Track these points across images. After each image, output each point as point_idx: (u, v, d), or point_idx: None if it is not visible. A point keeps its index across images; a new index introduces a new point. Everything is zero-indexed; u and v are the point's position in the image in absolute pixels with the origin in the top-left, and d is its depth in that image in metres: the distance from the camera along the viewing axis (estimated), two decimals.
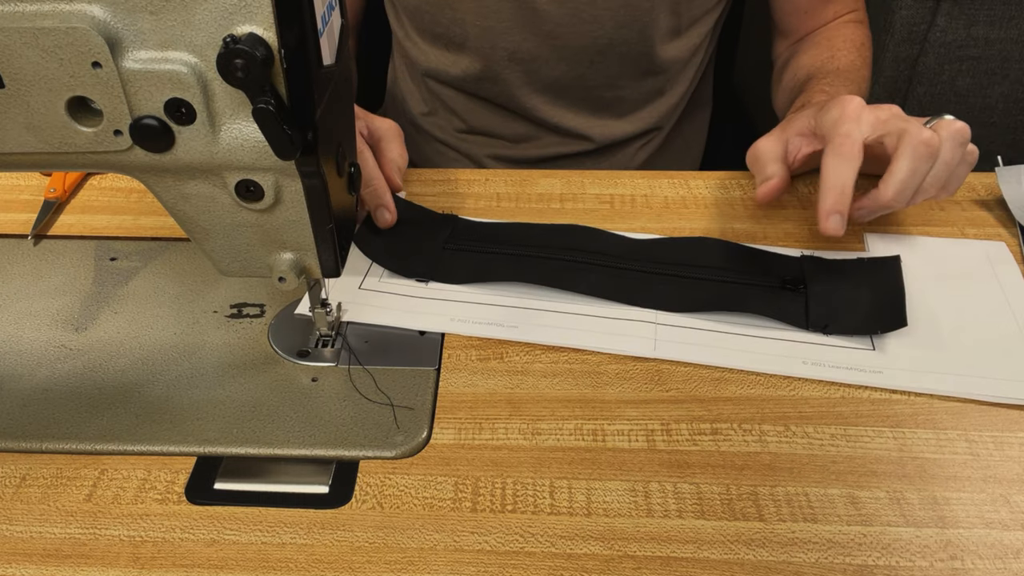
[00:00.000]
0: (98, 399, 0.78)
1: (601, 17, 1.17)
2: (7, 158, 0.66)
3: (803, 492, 0.70)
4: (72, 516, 0.69)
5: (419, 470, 0.73)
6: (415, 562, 0.66)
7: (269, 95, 0.59)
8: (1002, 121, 1.93)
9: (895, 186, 0.84)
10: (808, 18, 1.27)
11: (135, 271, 0.93)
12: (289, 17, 0.57)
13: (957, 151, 0.86)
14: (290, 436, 0.75)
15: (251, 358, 0.83)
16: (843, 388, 0.79)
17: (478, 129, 1.36)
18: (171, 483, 0.72)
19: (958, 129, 0.85)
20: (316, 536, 0.68)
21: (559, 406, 0.78)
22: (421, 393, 0.79)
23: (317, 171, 0.66)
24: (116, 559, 0.66)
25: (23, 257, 0.95)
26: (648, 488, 0.71)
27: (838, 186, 0.83)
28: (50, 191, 1.03)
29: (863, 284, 0.88)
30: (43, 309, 0.88)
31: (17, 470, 0.73)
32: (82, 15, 0.57)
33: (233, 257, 0.74)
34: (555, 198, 1.04)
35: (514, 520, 0.69)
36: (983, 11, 1.78)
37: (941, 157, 0.85)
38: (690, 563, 0.65)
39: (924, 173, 0.85)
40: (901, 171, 0.84)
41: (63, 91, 0.60)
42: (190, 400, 0.79)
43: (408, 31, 1.31)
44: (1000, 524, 0.68)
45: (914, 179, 0.85)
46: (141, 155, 0.64)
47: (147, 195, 1.04)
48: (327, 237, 0.71)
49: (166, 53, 0.59)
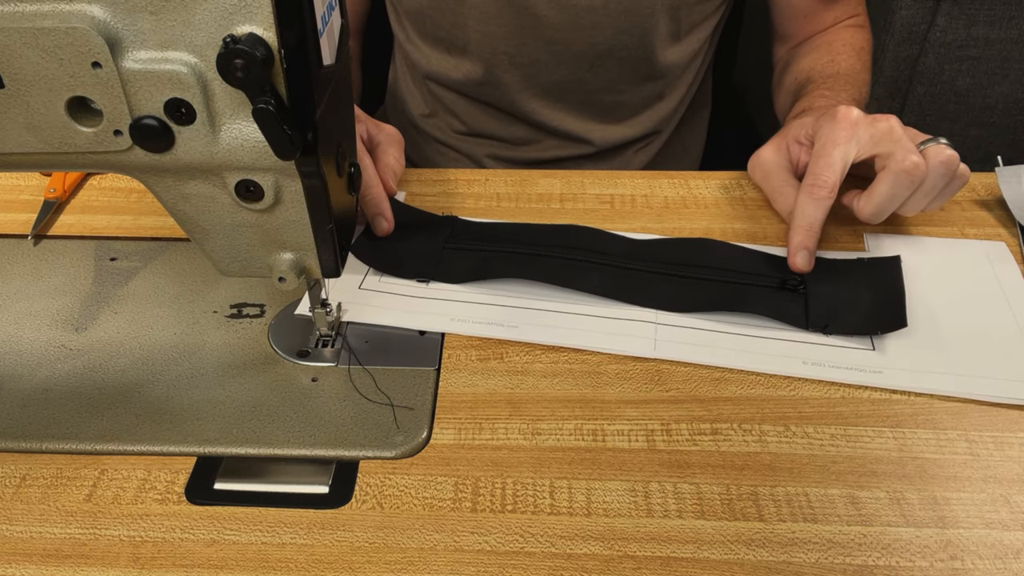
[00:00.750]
0: (98, 399, 0.78)
1: (601, 23, 1.17)
2: (7, 158, 0.65)
3: (803, 492, 0.70)
4: (72, 516, 0.69)
5: (419, 470, 0.72)
6: (415, 562, 0.66)
7: (269, 95, 0.59)
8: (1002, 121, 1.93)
9: (871, 207, 0.89)
10: (808, 23, 1.27)
11: (135, 271, 0.93)
12: (289, 17, 0.57)
13: (940, 181, 0.88)
14: (290, 436, 0.75)
15: (251, 358, 0.83)
16: (843, 388, 0.79)
17: (478, 131, 1.36)
18: (171, 483, 0.72)
19: (944, 160, 0.86)
20: (316, 536, 0.67)
21: (559, 406, 0.78)
22: (421, 393, 0.79)
23: (317, 171, 0.66)
24: (116, 559, 0.66)
25: (23, 257, 0.95)
26: (648, 488, 0.71)
27: (806, 224, 0.88)
28: (50, 191, 1.03)
29: (863, 284, 0.88)
30: (43, 309, 0.88)
31: (17, 470, 0.73)
32: (82, 15, 0.57)
33: (233, 257, 0.74)
34: (555, 198, 1.04)
35: (514, 520, 0.68)
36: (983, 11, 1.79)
37: (924, 186, 0.87)
38: (690, 563, 0.65)
39: (903, 198, 0.88)
40: (880, 195, 0.88)
41: (63, 91, 0.60)
42: (190, 400, 0.78)
43: (409, 34, 1.31)
44: (1000, 524, 0.68)
45: (893, 203, 0.88)
46: (141, 155, 0.64)
47: (147, 195, 1.04)
48: (327, 237, 0.71)
49: (166, 53, 0.59)
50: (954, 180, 0.88)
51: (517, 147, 1.36)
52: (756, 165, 0.99)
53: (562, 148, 1.35)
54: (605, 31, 1.18)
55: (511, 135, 1.35)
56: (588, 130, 1.32)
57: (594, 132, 1.32)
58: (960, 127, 1.96)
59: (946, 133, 1.45)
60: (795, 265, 0.87)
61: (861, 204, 0.90)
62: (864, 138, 0.87)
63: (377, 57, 1.50)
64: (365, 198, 0.93)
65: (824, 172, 0.87)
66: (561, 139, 1.34)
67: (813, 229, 0.87)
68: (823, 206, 0.87)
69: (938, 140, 0.87)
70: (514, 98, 1.28)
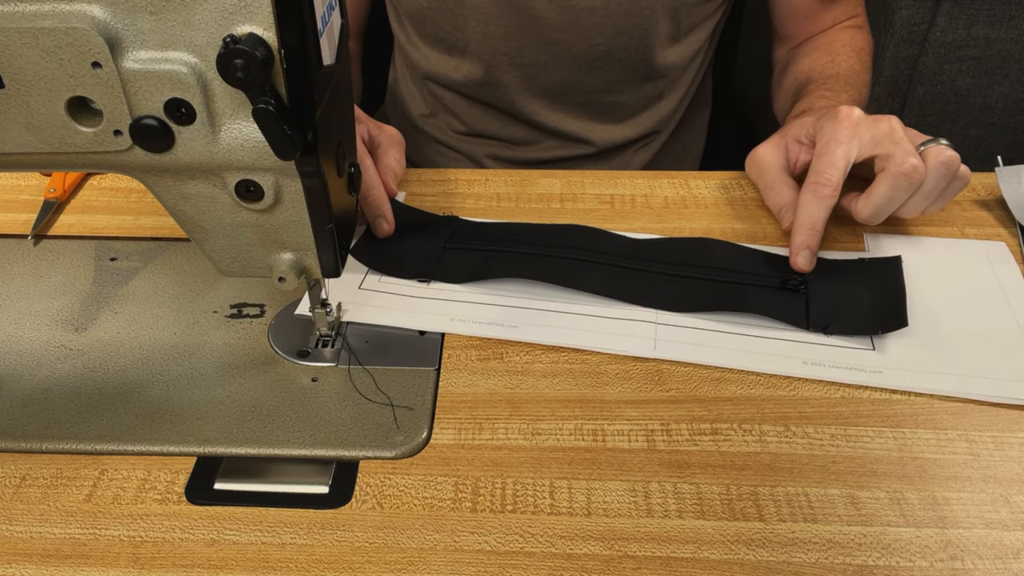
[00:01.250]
0: (98, 399, 0.78)
1: (601, 24, 1.17)
2: (7, 158, 0.65)
3: (803, 492, 0.70)
4: (72, 516, 0.69)
5: (419, 470, 0.72)
6: (415, 562, 0.65)
7: (269, 95, 0.59)
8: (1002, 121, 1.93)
9: (869, 209, 0.89)
10: (808, 23, 1.27)
11: (135, 271, 0.93)
12: (289, 17, 0.57)
13: (941, 182, 0.87)
14: (290, 436, 0.75)
15: (251, 358, 0.83)
16: (843, 388, 0.79)
17: (478, 131, 1.36)
18: (171, 483, 0.72)
19: (945, 160, 0.86)
20: (316, 536, 0.67)
21: (559, 406, 0.78)
22: (421, 393, 0.79)
23: (317, 171, 0.66)
24: (116, 559, 0.66)
25: (23, 257, 0.95)
26: (648, 488, 0.71)
27: (809, 224, 0.88)
28: (50, 191, 1.03)
29: (863, 284, 0.88)
30: (43, 309, 0.88)
31: (17, 470, 0.73)
32: (82, 15, 0.57)
33: (233, 257, 0.74)
34: (555, 198, 1.04)
35: (514, 520, 0.68)
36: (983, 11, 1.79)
37: (923, 187, 0.87)
38: (690, 563, 0.65)
39: (902, 200, 0.88)
40: (879, 197, 0.88)
41: (63, 91, 0.60)
42: (190, 400, 0.78)
43: (410, 34, 1.31)
44: (1000, 524, 0.68)
45: (891, 205, 0.88)
46: (141, 155, 0.64)
47: (147, 195, 1.04)
48: (327, 237, 0.71)
49: (166, 53, 0.59)
50: (954, 181, 0.88)
51: (517, 147, 1.36)
52: (753, 162, 0.99)
53: (562, 148, 1.35)
54: (605, 32, 1.18)
55: (511, 135, 1.35)
56: (588, 130, 1.32)
57: (594, 132, 1.32)
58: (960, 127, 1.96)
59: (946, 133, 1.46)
60: (797, 265, 0.88)
61: (859, 206, 0.90)
62: (865, 138, 0.88)
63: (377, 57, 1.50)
64: (366, 200, 0.93)
65: (827, 170, 0.87)
66: (561, 139, 1.34)
67: (816, 228, 0.87)
68: (826, 205, 0.87)
69: (938, 141, 0.87)
70: (514, 99, 1.28)
